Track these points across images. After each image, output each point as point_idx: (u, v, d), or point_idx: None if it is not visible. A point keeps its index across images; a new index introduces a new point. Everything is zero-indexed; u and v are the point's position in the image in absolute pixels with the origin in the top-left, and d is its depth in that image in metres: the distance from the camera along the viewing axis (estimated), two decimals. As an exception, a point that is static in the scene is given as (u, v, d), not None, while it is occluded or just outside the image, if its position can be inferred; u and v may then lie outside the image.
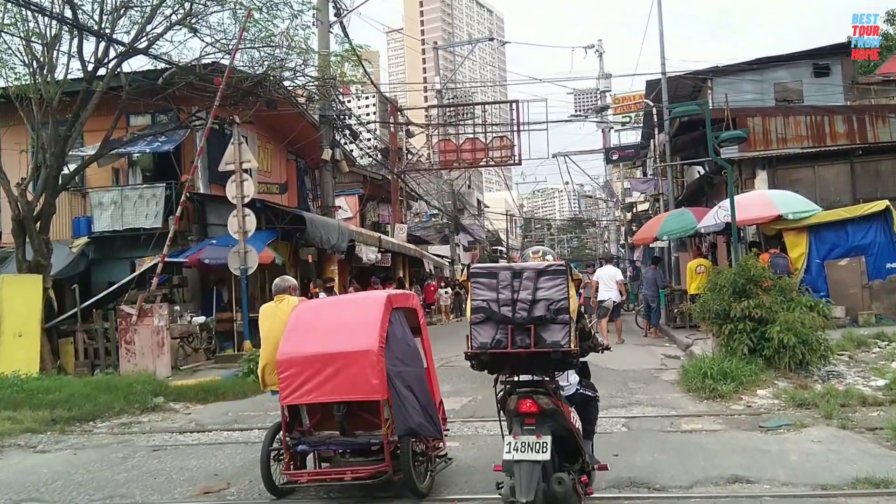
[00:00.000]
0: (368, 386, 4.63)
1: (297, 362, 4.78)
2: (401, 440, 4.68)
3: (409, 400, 4.76)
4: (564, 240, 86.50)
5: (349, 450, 5.11)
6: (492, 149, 27.59)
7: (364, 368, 4.64)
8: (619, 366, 11.14)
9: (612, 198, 39.38)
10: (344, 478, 4.80)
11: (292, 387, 4.76)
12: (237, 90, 13.20)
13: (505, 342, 3.77)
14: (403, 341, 5.05)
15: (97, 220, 14.16)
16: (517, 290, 3.81)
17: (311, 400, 4.79)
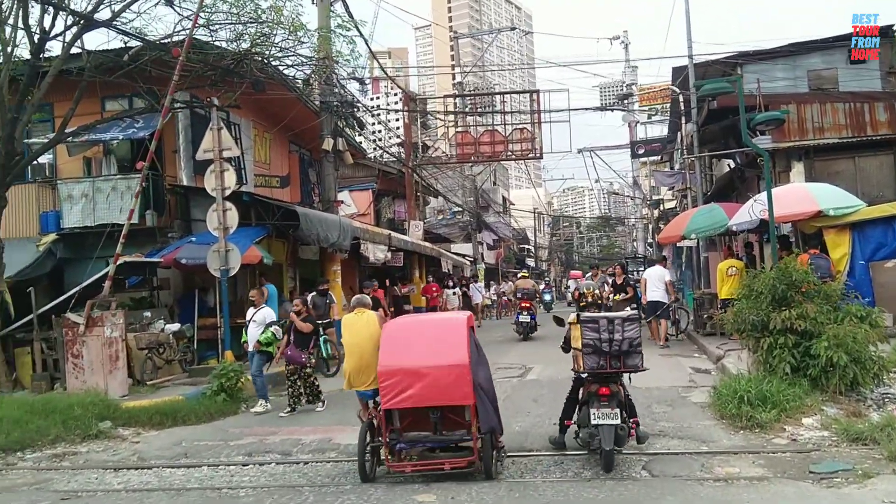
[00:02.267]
0: (460, 393, 5.65)
1: (397, 373, 5.69)
2: (483, 437, 5.69)
3: (488, 404, 5.83)
4: (594, 238, 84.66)
5: (439, 446, 6.01)
6: (512, 141, 26.09)
7: (457, 379, 5.64)
8: (643, 382, 9.51)
9: (640, 195, 37.52)
10: (444, 467, 5.79)
11: (393, 393, 5.66)
12: (215, 68, 11.89)
13: (605, 365, 6.05)
14: (479, 354, 6.06)
15: (67, 214, 12.89)
16: (612, 332, 6.01)
17: (410, 404, 5.69)
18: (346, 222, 16.30)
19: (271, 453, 7.04)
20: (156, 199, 13.27)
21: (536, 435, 7.08)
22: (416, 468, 5.92)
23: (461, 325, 5.97)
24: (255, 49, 12.18)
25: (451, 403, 5.75)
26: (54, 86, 12.26)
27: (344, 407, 9.29)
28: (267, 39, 12.27)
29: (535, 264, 62.51)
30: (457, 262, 30.01)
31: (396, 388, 5.65)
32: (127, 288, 12.89)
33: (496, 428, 5.91)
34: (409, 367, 5.70)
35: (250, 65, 11.85)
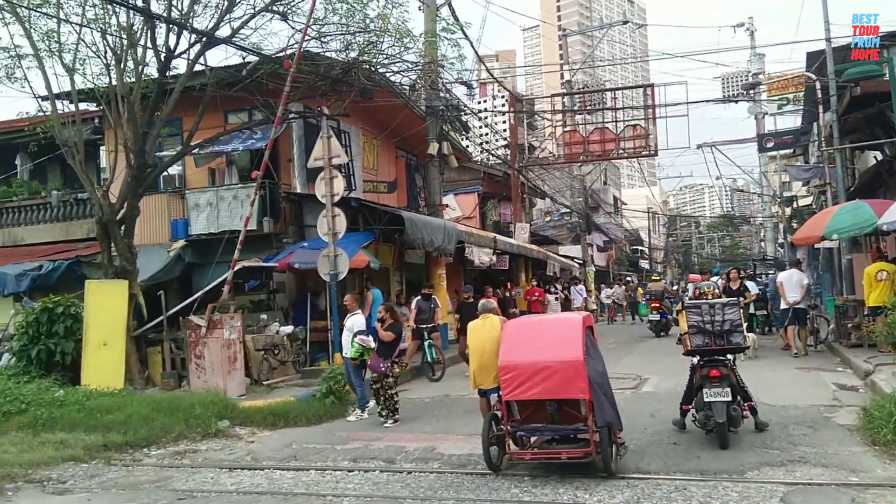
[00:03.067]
0: (576, 388, 5.99)
1: (516, 367, 6.14)
2: (600, 430, 5.93)
3: (604, 399, 6.12)
4: (715, 238, 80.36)
5: (557, 436, 6.44)
6: (623, 139, 25.10)
7: (572, 374, 5.98)
8: (777, 399, 8.78)
9: (768, 191, 34.99)
10: (560, 457, 6.10)
11: (513, 386, 6.13)
12: (325, 78, 12.18)
13: (710, 343, 7.13)
14: (595, 353, 6.43)
15: (194, 222, 13.75)
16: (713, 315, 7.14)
17: (529, 397, 6.14)
18: (450, 226, 16.26)
19: (376, 460, 7.02)
20: (272, 206, 13.83)
21: (654, 455, 6.59)
22: (535, 456, 6.40)
23: (577, 324, 6.41)
24: (363, 57, 12.38)
25: (566, 397, 6.15)
26: (182, 102, 13.08)
27: (448, 414, 9.19)
28: (374, 47, 12.44)
29: (650, 266, 60.13)
30: (564, 264, 29.34)
31: (515, 382, 6.13)
32: (247, 291, 13.52)
33: (613, 423, 6.21)
34: (527, 362, 6.17)
35: (358, 73, 12.03)
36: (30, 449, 7.18)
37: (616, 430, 6.33)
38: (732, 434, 6.84)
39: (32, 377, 9.60)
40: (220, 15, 10.51)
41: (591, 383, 6.01)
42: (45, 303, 10.48)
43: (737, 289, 13.46)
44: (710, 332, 7.13)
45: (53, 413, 8.02)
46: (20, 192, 15.79)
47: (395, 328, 8.81)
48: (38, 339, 10.21)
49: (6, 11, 9.86)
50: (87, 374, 9.93)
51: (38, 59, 10.14)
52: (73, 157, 10.69)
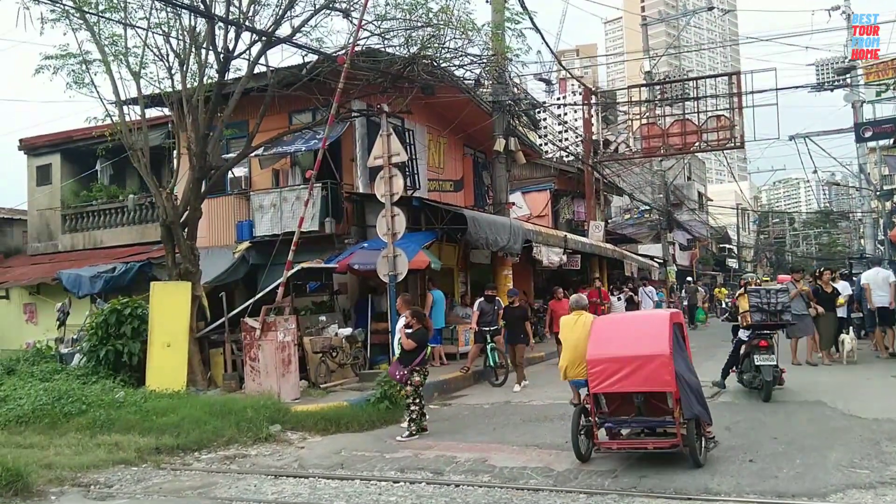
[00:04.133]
0: (662, 381, 6.14)
1: (604, 361, 6.36)
2: (687, 423, 6.15)
3: (690, 393, 6.25)
4: (811, 235, 75.70)
5: (644, 429, 6.68)
6: (706, 131, 23.72)
7: (659, 367, 6.14)
8: (869, 411, 7.92)
9: (868, 185, 32.38)
10: (647, 447, 6.40)
11: (600, 379, 6.35)
12: (385, 75, 11.96)
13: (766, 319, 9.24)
14: (681, 348, 6.60)
15: (258, 223, 13.85)
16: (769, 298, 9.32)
17: (616, 389, 6.32)
18: (516, 224, 15.74)
19: (423, 470, 6.66)
20: (334, 206, 13.78)
21: (725, 473, 5.92)
22: (622, 446, 6.60)
23: (664, 320, 6.61)
24: (424, 51, 12.08)
25: (652, 389, 6.33)
26: (246, 104, 13.23)
27: (507, 423, 8.73)
28: (436, 41, 12.12)
29: (739, 265, 57.24)
30: (642, 264, 28.10)
31: (603, 375, 6.36)
32: (308, 293, 13.51)
33: (701, 416, 6.33)
34: (615, 356, 6.39)
35: (418, 68, 11.73)
36: (84, 451, 7.23)
37: (705, 424, 6.46)
38: (819, 456, 6.20)
39: (100, 377, 9.85)
40: (280, 14, 10.46)
41: (677, 377, 6.18)
42: (114, 304, 10.75)
43: (830, 292, 12.32)
44: (766, 311, 9.37)
45: (112, 415, 8.12)
46: (99, 196, 16.46)
47: (418, 335, 8.22)
48: (106, 339, 10.47)
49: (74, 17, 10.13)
50: (151, 375, 10.09)
51: (106, 65, 10.40)
52: (138, 161, 10.93)
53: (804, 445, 6.66)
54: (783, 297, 9.42)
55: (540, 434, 7.94)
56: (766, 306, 9.34)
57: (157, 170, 11.69)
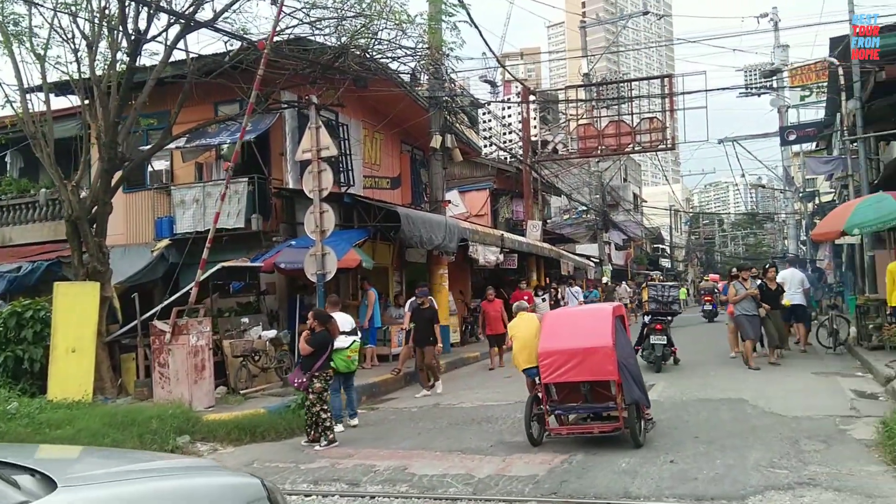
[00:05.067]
0: (606, 370, 6.73)
1: (554, 353, 6.92)
2: (628, 407, 6.73)
3: (631, 380, 6.83)
4: (739, 236, 78.68)
5: (590, 414, 7.31)
6: (639, 132, 24.14)
7: (603, 358, 6.71)
8: (788, 409, 8.03)
9: (791, 186, 33.71)
10: (593, 431, 7.00)
11: (551, 370, 6.91)
12: (314, 65, 11.50)
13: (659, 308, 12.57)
14: (623, 339, 7.27)
15: (179, 219, 13.11)
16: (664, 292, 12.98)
17: (565, 379, 6.94)
18: (452, 223, 15.52)
19: (339, 482, 6.31)
20: (261, 202, 13.20)
21: (646, 476, 5.82)
22: (571, 431, 7.24)
23: (607, 314, 7.20)
24: (356, 42, 11.67)
25: (598, 378, 6.97)
26: (168, 93, 12.52)
27: (433, 427, 8.45)
28: (367, 30, 11.72)
29: (671, 265, 58.87)
30: (579, 263, 28.42)
31: (553, 366, 6.93)
32: (232, 293, 12.91)
33: (640, 400, 7.02)
34: (563, 349, 6.95)
35: (349, 59, 11.32)
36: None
37: (644, 407, 7.12)
38: (739, 456, 6.19)
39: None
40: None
41: (619, 366, 6.76)
42: (14, 306, 9.93)
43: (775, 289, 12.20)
44: (660, 302, 12.70)
45: (1, 427, 7.44)
46: (9, 191, 15.35)
47: (317, 338, 7.75)
48: (5, 345, 9.62)
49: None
50: (54, 383, 9.32)
51: (7, 46, 9.58)
52: (41, 151, 10.13)
53: (725, 445, 6.65)
54: (674, 292, 13.05)
55: (465, 438, 7.72)
56: (661, 298, 12.69)
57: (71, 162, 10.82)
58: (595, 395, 7.12)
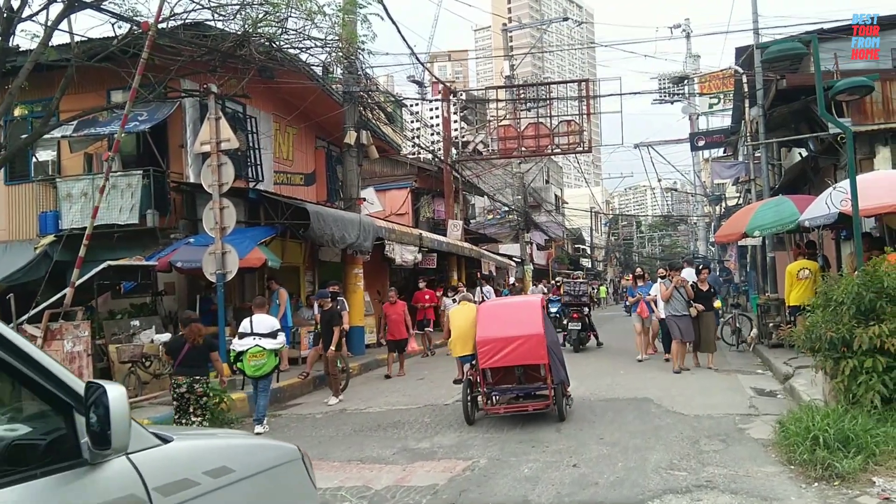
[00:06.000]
0: (538, 355, 7.76)
1: (491, 341, 7.78)
2: (556, 387, 7.81)
3: (557, 362, 7.98)
4: (655, 238, 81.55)
5: (522, 394, 8.23)
6: (557, 135, 24.43)
7: (535, 345, 7.71)
8: (690, 408, 8.09)
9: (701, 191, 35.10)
10: (528, 409, 7.92)
11: (488, 356, 7.76)
12: (213, 52, 10.84)
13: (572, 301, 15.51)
14: (549, 327, 8.30)
15: (66, 214, 12.08)
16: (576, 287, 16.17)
17: (502, 363, 7.83)
18: (367, 221, 15.10)
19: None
20: (158, 197, 12.37)
21: (548, 482, 5.61)
22: (507, 409, 8.01)
23: (536, 305, 8.29)
24: (260, 30, 11.07)
25: (530, 363, 7.87)
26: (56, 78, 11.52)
27: (335, 435, 8.01)
28: (274, 18, 11.13)
29: (591, 265, 60.34)
30: (500, 263, 28.51)
31: (491, 353, 7.73)
32: (123, 294, 12.03)
33: (565, 380, 8.15)
34: (500, 337, 7.77)
35: (251, 48, 10.72)
36: None
37: (566, 386, 8.20)
38: (640, 458, 6.09)
39: None
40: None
41: (548, 351, 7.72)
42: None
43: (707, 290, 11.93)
44: (573, 295, 15.61)
45: None
46: None
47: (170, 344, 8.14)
48: None
49: None
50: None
51: None
52: None
53: (628, 446, 6.56)
54: (583, 287, 16.32)
55: (367, 446, 7.34)
56: (573, 292, 15.76)
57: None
58: (527, 378, 8.05)
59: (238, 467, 2.49)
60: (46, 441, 1.96)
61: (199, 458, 2.37)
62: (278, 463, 2.79)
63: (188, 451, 2.40)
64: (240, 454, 2.64)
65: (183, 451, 2.34)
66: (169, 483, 2.12)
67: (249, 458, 2.66)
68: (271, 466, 2.72)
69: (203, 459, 2.37)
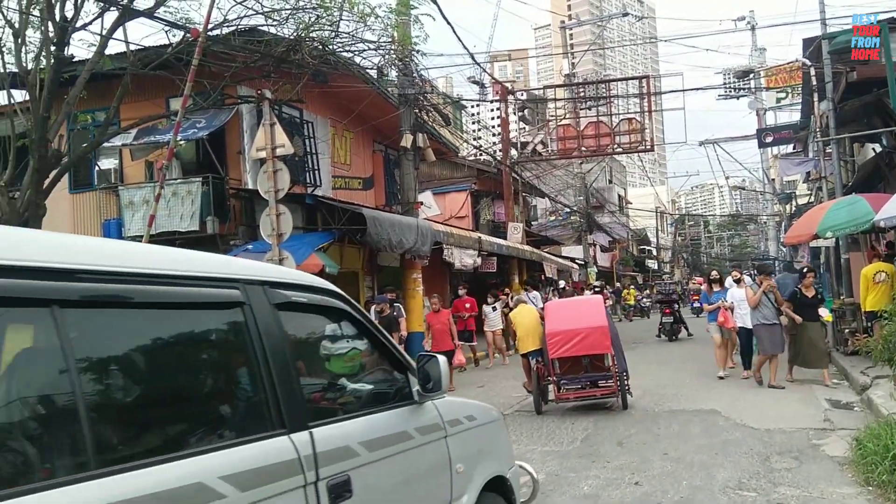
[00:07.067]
0: (604, 345, 8.56)
1: (559, 333, 8.59)
2: (619, 375, 8.65)
3: (620, 354, 8.82)
4: (724, 237, 78.74)
5: (589, 382, 8.99)
6: (619, 133, 23.75)
7: (600, 336, 8.51)
8: (761, 422, 7.50)
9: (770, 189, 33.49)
10: (596, 395, 8.91)
11: (557, 346, 8.56)
12: (267, 57, 10.89)
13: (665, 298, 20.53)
14: (611, 322, 9.14)
15: (128, 222, 12.38)
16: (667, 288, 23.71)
17: (570, 354, 8.69)
18: (424, 225, 14.92)
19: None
20: (217, 204, 12.53)
21: (608, 500, 5.27)
22: (577, 396, 8.90)
23: (599, 301, 9.61)
24: (312, 34, 11.06)
25: (596, 352, 8.69)
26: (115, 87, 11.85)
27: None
28: (326, 22, 11.11)
29: (658, 266, 58.73)
30: (562, 265, 27.92)
31: (559, 344, 8.51)
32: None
33: (626, 371, 8.88)
34: (567, 329, 8.55)
35: (303, 52, 10.72)
36: None
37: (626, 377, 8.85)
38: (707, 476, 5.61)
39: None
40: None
41: (612, 342, 8.49)
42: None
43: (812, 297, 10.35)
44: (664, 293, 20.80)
45: None
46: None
47: None
48: None
49: None
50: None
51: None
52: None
53: (693, 462, 6.11)
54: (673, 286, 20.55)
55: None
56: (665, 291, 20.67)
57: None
58: (593, 367, 8.91)
59: (479, 417, 3.62)
60: (393, 390, 3.07)
61: (461, 407, 3.52)
62: (496, 419, 3.90)
63: (455, 403, 3.49)
64: (478, 409, 3.73)
65: (453, 402, 3.45)
66: (450, 419, 3.26)
67: (483, 412, 3.74)
68: (493, 420, 3.82)
69: (463, 408, 3.54)
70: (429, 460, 3.05)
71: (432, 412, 3.15)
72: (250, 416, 2.23)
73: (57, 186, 10.07)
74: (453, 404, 3.43)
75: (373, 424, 2.71)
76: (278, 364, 2.28)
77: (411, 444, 2.91)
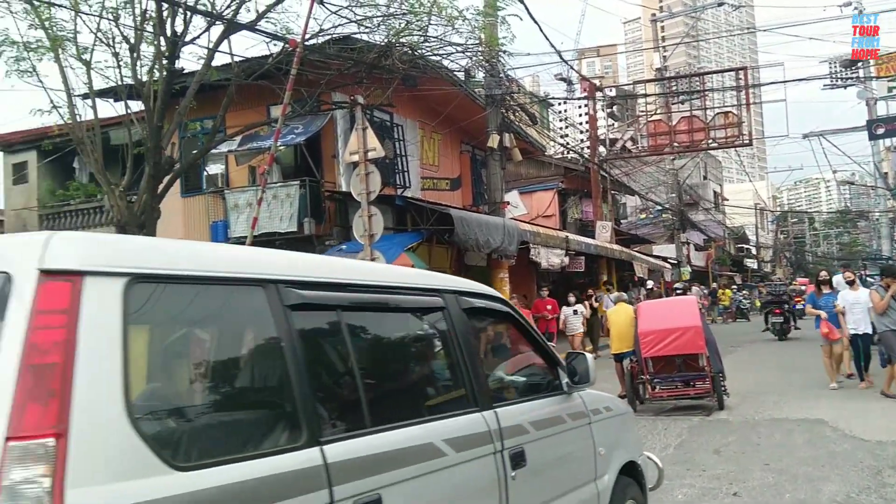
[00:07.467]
0: (697, 345, 8.52)
1: (652, 332, 8.63)
2: (714, 375, 8.57)
3: (715, 354, 8.72)
4: (832, 235, 73.99)
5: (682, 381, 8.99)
6: (713, 128, 22.85)
7: (694, 336, 8.50)
8: (870, 432, 7.06)
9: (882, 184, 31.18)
10: (689, 394, 8.95)
11: (651, 346, 8.61)
12: (358, 64, 11.25)
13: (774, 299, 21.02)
14: (705, 322, 9.29)
15: (234, 223, 13.14)
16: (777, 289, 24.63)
17: (663, 353, 8.62)
18: (511, 225, 14.94)
19: None
20: (314, 206, 13.08)
21: (706, 511, 5.14)
22: (670, 394, 9.05)
23: (694, 301, 9.71)
24: (402, 39, 11.33)
25: (689, 352, 8.59)
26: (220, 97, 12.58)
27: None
28: (416, 27, 11.35)
29: (757, 266, 55.92)
30: (653, 265, 27.14)
31: (653, 343, 8.58)
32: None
33: (721, 371, 8.76)
34: (661, 329, 8.61)
35: (393, 58, 11.00)
36: None
37: (722, 376, 8.76)
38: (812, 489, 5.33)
39: None
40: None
41: (706, 342, 8.50)
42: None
43: None
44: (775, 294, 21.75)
45: None
46: (77, 195, 15.89)
47: None
48: None
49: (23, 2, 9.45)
50: None
51: (56, 53, 9.75)
52: (89, 156, 10.29)
53: (797, 474, 5.84)
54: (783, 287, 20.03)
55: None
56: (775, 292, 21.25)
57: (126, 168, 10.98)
58: (687, 367, 8.79)
59: (614, 409, 4.01)
60: (546, 381, 3.50)
61: (600, 399, 3.87)
62: (627, 411, 4.40)
63: (595, 395, 3.84)
64: (613, 402, 4.15)
65: (594, 395, 3.81)
66: (593, 409, 3.64)
67: (615, 404, 4.15)
68: (624, 412, 4.26)
69: (602, 400, 3.89)
70: (578, 442, 3.49)
71: (579, 401, 3.58)
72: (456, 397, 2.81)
73: (170, 191, 10.82)
74: (594, 396, 3.81)
75: (536, 409, 3.24)
76: (471, 356, 2.85)
77: (565, 427, 3.39)
